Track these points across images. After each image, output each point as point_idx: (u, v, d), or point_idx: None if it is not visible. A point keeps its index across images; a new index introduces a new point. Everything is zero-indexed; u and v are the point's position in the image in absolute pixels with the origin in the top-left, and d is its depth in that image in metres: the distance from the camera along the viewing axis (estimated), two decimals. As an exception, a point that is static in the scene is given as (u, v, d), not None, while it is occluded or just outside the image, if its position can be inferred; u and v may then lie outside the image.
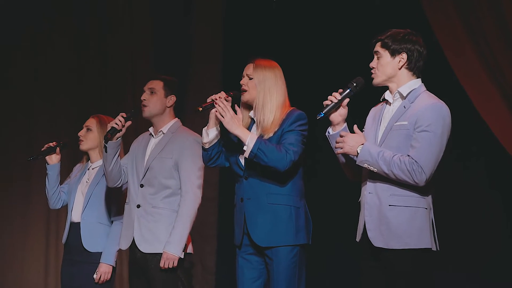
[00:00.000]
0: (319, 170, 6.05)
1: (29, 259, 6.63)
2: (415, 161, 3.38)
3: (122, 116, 4.37)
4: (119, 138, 4.39)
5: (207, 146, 3.97)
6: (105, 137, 4.38)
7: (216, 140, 3.96)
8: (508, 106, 5.33)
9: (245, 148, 3.76)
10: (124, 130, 4.38)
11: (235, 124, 3.78)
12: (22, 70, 6.81)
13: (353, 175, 3.72)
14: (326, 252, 5.95)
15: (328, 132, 3.69)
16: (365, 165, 3.47)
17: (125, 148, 4.73)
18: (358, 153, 3.48)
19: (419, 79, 3.58)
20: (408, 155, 3.41)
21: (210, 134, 3.95)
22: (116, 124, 4.34)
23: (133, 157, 4.57)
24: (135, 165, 4.52)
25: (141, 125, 5.41)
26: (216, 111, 3.82)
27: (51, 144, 4.86)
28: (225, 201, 6.44)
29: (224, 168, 4.09)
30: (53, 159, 4.85)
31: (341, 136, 3.54)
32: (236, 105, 3.88)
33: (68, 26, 6.83)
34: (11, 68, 6.80)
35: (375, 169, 3.45)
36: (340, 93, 3.62)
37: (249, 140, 3.75)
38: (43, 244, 6.64)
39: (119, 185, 4.58)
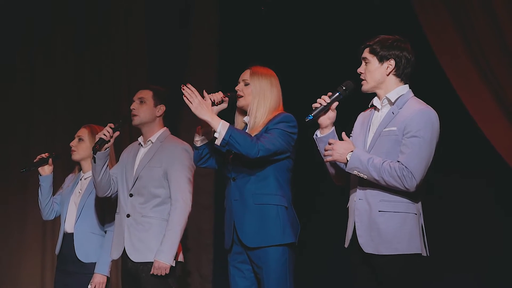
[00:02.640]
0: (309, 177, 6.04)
1: (25, 271, 6.61)
2: (405, 166, 3.37)
3: (110, 127, 4.36)
4: (107, 149, 4.38)
5: (198, 144, 3.98)
6: (93, 148, 4.37)
7: (208, 140, 3.96)
8: (503, 111, 5.32)
9: (216, 135, 3.72)
10: (112, 140, 4.38)
11: (204, 109, 3.72)
12: (19, 82, 6.81)
13: (339, 180, 3.72)
14: (319, 255, 5.94)
15: (316, 135, 3.68)
16: (355, 172, 3.45)
17: (117, 157, 4.74)
18: (347, 160, 3.46)
19: (407, 85, 3.58)
20: (398, 161, 3.40)
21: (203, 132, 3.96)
22: (104, 135, 4.34)
23: (123, 166, 4.56)
24: (124, 175, 4.52)
25: (136, 131, 5.42)
26: (184, 96, 3.77)
27: (43, 155, 4.85)
28: (220, 209, 6.39)
29: (219, 176, 4.09)
30: (46, 170, 4.85)
31: (330, 144, 3.52)
32: (204, 90, 3.84)
33: (65, 34, 6.83)
34: (8, 82, 6.80)
35: (365, 176, 3.43)
36: (330, 96, 3.62)
37: (221, 127, 3.70)
38: (39, 256, 6.62)
39: (109, 195, 4.57)
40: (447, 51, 5.45)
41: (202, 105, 3.72)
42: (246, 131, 3.97)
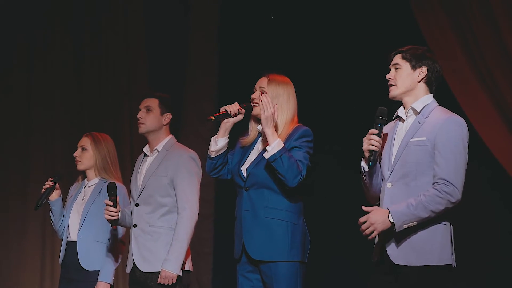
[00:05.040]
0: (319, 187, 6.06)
1: (25, 279, 6.58)
2: (446, 181, 3.34)
3: (112, 201, 4.28)
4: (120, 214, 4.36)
5: (213, 155, 3.96)
6: (114, 229, 4.43)
7: (223, 150, 3.96)
8: (502, 118, 5.36)
9: (268, 148, 3.73)
10: (119, 207, 4.33)
11: (270, 122, 3.75)
12: (17, 86, 6.78)
13: (376, 200, 3.64)
14: (328, 270, 5.94)
15: (364, 169, 3.59)
16: (405, 226, 3.36)
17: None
18: (392, 222, 3.36)
19: (431, 95, 3.57)
20: (435, 181, 3.36)
21: (219, 143, 3.94)
22: (112, 216, 4.29)
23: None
24: (130, 187, 4.52)
25: (137, 140, 5.44)
26: (260, 101, 3.78)
27: (48, 183, 4.78)
28: (221, 218, 6.43)
29: (220, 185, 4.08)
30: (54, 195, 4.79)
31: (363, 222, 3.41)
32: (276, 104, 3.81)
33: (64, 40, 6.82)
34: (6, 85, 6.77)
35: (416, 222, 3.35)
36: (376, 134, 3.50)
37: (276, 144, 3.73)
38: (39, 263, 6.61)
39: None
40: (446, 57, 5.48)
41: (272, 118, 3.75)
42: (260, 140, 3.97)
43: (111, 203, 4.29)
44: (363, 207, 3.45)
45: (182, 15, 6.85)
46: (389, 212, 3.37)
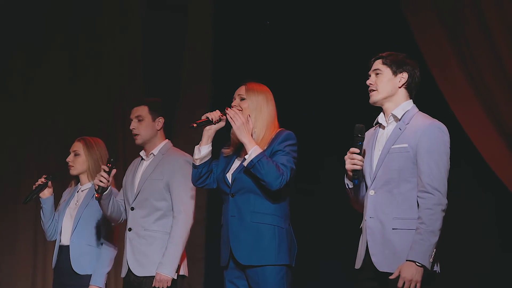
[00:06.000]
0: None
1: (16, 283, 6.58)
2: (431, 187, 3.35)
3: (104, 171, 4.31)
4: (109, 187, 4.36)
5: (197, 163, 3.98)
6: (97, 198, 4.37)
7: (207, 158, 3.98)
8: (497, 128, 5.40)
9: (246, 157, 3.79)
10: (111, 180, 4.35)
11: (244, 131, 3.82)
12: (13, 92, 6.80)
13: (360, 207, 3.64)
14: (316, 276, 5.96)
15: (348, 185, 3.61)
16: (431, 260, 3.36)
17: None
18: (421, 266, 3.34)
19: (411, 100, 3.59)
20: (419, 188, 3.38)
21: (202, 151, 3.97)
22: (101, 182, 4.30)
23: (125, 183, 4.57)
24: (125, 190, 4.53)
25: (130, 146, 5.40)
26: (227, 115, 3.85)
27: (41, 180, 4.80)
28: (212, 223, 6.44)
29: (212, 190, 4.10)
30: (46, 193, 4.80)
31: (402, 286, 3.34)
32: (249, 115, 3.91)
33: (61, 45, 6.85)
34: (5, 86, 6.79)
35: (435, 249, 3.36)
36: (358, 153, 3.51)
37: (253, 150, 3.78)
38: (30, 268, 6.60)
39: (122, 221, 4.58)
40: (438, 60, 5.52)
41: (244, 127, 3.82)
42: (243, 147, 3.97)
43: (107, 169, 4.30)
44: (390, 277, 3.38)
45: (178, 21, 6.88)
46: (412, 261, 3.34)
